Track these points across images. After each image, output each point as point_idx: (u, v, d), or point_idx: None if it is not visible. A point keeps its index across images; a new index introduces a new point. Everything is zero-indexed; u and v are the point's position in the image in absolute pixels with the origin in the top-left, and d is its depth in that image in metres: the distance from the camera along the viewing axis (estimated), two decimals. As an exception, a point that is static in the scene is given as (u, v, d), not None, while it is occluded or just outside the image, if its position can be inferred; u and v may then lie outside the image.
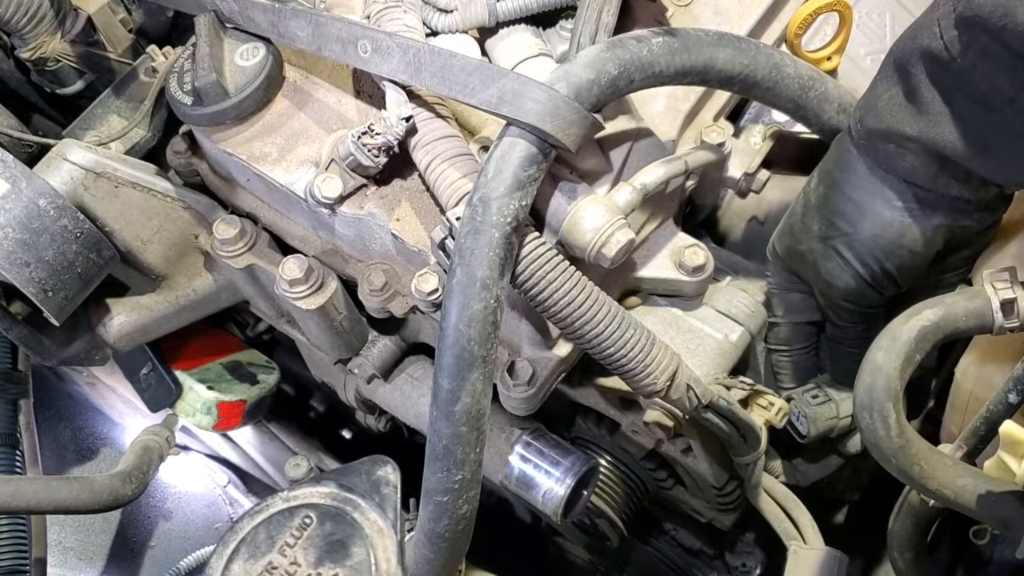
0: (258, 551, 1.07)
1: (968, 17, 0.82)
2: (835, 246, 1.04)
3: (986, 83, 0.84)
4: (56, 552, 1.84)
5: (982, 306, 0.91)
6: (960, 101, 0.88)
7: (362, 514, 1.09)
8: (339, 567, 1.06)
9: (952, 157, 0.91)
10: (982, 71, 0.84)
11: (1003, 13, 0.78)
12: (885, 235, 1.00)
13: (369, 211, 1.09)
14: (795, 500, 1.25)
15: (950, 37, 0.85)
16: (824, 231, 1.04)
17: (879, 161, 0.98)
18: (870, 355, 0.88)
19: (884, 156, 0.97)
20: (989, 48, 0.82)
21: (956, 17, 0.83)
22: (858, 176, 1.00)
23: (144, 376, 1.48)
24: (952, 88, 0.88)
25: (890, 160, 0.97)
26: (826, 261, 1.05)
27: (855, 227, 1.02)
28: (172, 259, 1.28)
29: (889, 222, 1.00)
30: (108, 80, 1.42)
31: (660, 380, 1.00)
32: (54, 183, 1.16)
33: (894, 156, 0.96)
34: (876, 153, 0.98)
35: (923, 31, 0.88)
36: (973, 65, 0.84)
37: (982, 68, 0.84)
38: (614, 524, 1.39)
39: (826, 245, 1.05)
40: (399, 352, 1.35)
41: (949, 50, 0.85)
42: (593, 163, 1.06)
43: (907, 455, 0.87)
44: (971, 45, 0.83)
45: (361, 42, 1.00)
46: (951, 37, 0.84)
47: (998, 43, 0.80)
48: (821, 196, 1.04)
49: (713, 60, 0.97)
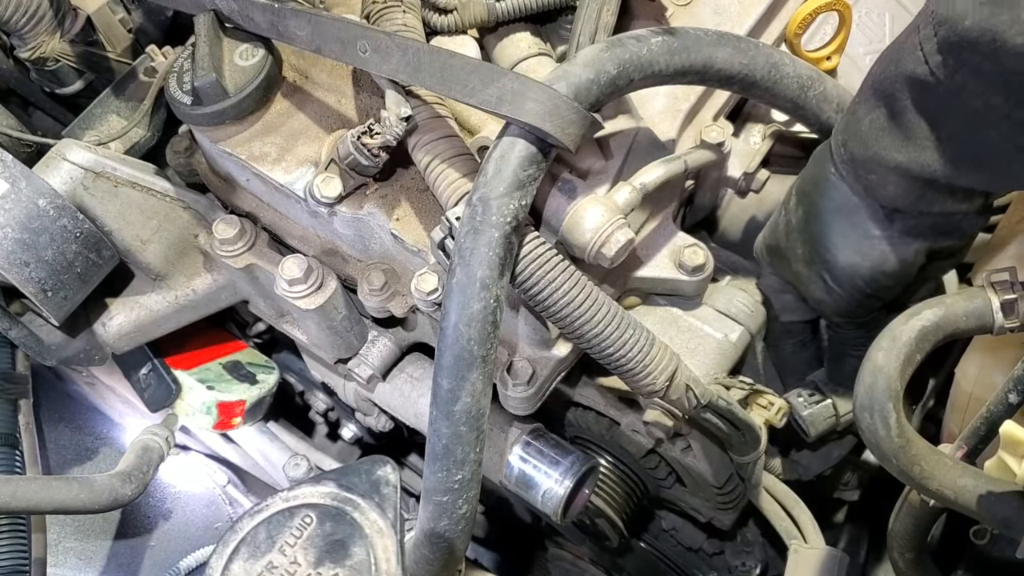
0: (258, 551, 1.07)
1: (954, 42, 0.80)
2: (819, 272, 1.03)
3: (979, 101, 0.81)
4: (56, 552, 1.83)
5: (982, 306, 0.91)
6: (950, 123, 0.86)
7: (362, 514, 1.09)
8: (339, 567, 1.05)
9: (940, 180, 0.89)
10: (975, 89, 0.81)
11: (991, 38, 0.76)
12: (864, 264, 0.99)
13: (369, 211, 1.09)
14: (796, 499, 1.25)
15: (935, 62, 0.82)
16: (808, 256, 1.04)
17: (860, 187, 0.96)
18: (870, 355, 0.88)
19: (866, 184, 0.95)
20: (981, 67, 0.79)
21: (939, 42, 0.81)
22: (837, 204, 0.99)
23: (144, 376, 1.48)
24: (940, 111, 0.86)
25: (872, 189, 0.95)
26: (811, 284, 1.05)
27: (834, 256, 1.01)
28: (171, 259, 1.28)
29: (868, 252, 0.98)
30: (108, 80, 1.42)
31: (659, 380, 1.00)
32: (54, 183, 1.16)
33: (876, 185, 0.94)
34: (858, 180, 0.96)
35: (906, 55, 0.85)
36: (963, 86, 0.81)
37: (973, 87, 0.81)
38: (614, 524, 1.39)
39: (811, 270, 1.04)
40: (399, 352, 1.35)
41: (935, 74, 0.82)
42: (593, 163, 1.06)
43: (907, 455, 0.87)
44: (960, 67, 0.81)
45: (360, 42, 1.00)
46: (936, 62, 0.82)
47: (990, 63, 0.78)
48: (801, 220, 1.03)
49: (712, 59, 0.97)
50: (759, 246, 1.13)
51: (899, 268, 0.99)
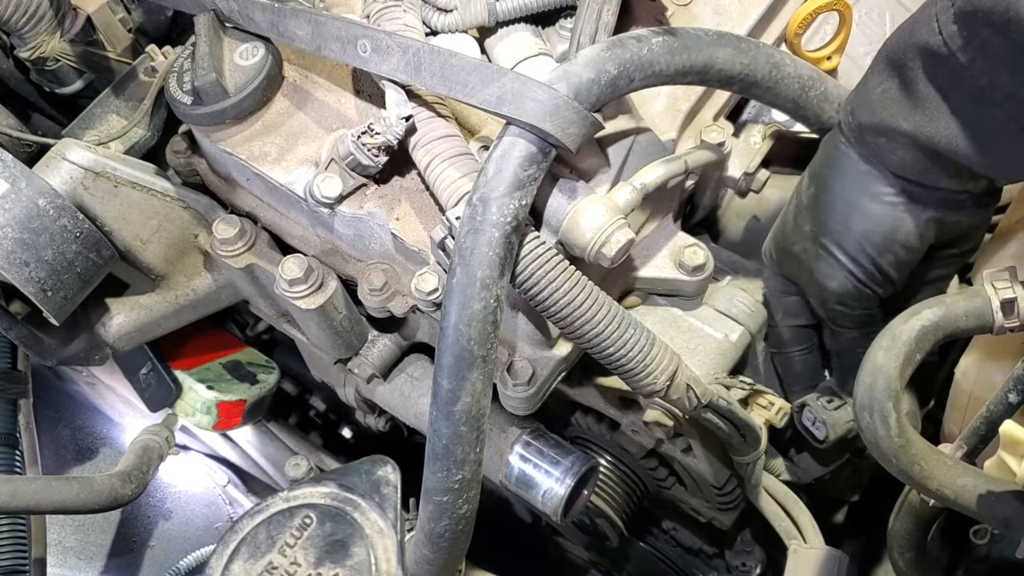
0: (258, 551, 1.07)
1: (968, 12, 0.81)
2: (826, 245, 1.03)
3: (986, 79, 0.83)
4: (56, 552, 1.84)
5: (982, 306, 0.90)
6: (958, 97, 0.87)
7: (362, 514, 1.09)
8: (339, 567, 1.06)
9: (946, 152, 0.91)
10: (982, 66, 0.83)
11: (1006, 7, 0.77)
12: (877, 231, 1.00)
13: (369, 211, 1.09)
14: (795, 499, 1.25)
15: (949, 32, 0.84)
16: (815, 231, 1.04)
17: (869, 154, 0.97)
18: (870, 355, 0.88)
19: (875, 149, 0.96)
20: (990, 43, 0.81)
21: (955, 11, 0.83)
22: (847, 172, 1.00)
23: (144, 376, 1.48)
24: (950, 84, 0.87)
25: (881, 153, 0.96)
26: (818, 261, 1.05)
27: (846, 225, 1.01)
28: (171, 259, 1.28)
29: (880, 217, 0.99)
30: (108, 80, 1.42)
31: (660, 380, 1.00)
32: (54, 183, 1.16)
33: (885, 149, 0.95)
34: (866, 146, 0.97)
35: (921, 26, 0.87)
36: (973, 60, 0.83)
37: (982, 63, 0.83)
38: (614, 524, 1.39)
39: (818, 245, 1.04)
40: (399, 352, 1.35)
41: (948, 45, 0.84)
42: (593, 163, 1.06)
43: (907, 455, 0.87)
44: (971, 40, 0.83)
45: (361, 41, 1.00)
46: (950, 32, 0.84)
47: (1000, 37, 0.80)
48: (812, 196, 1.04)
49: (713, 60, 0.97)
50: (767, 245, 1.14)
51: (912, 238, 0.99)
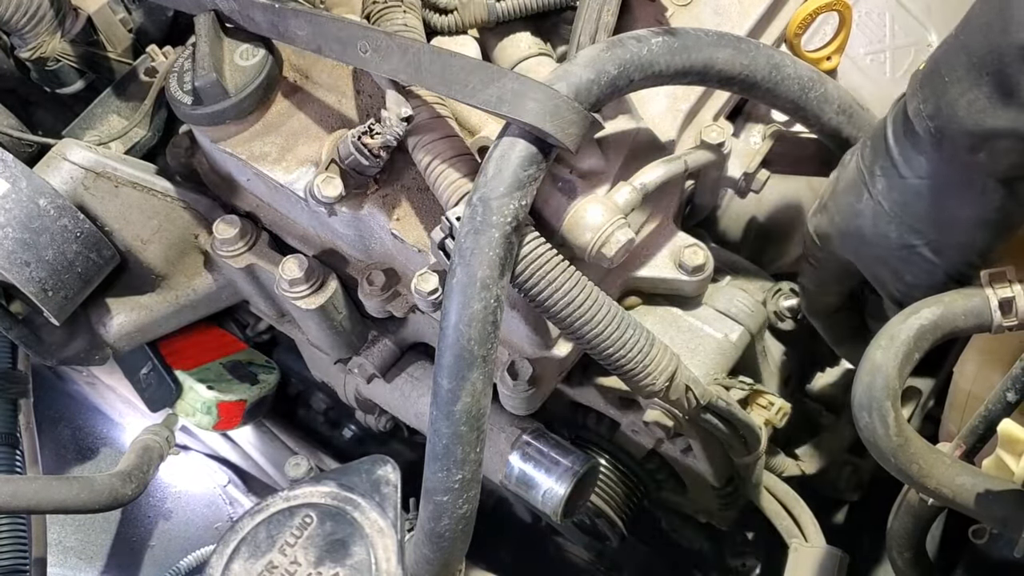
0: (258, 550, 1.07)
1: None
2: (921, 252, 0.97)
3: None
4: (56, 552, 1.84)
5: (980, 305, 0.91)
6: None
7: (362, 514, 1.09)
8: (339, 566, 1.06)
9: None
10: None
11: None
12: (981, 237, 0.94)
13: (369, 211, 1.09)
14: (796, 498, 1.25)
15: None
16: (907, 239, 0.97)
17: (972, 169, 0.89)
18: (868, 354, 0.88)
19: (977, 164, 0.88)
20: None
21: None
22: (947, 185, 0.92)
23: (144, 376, 1.48)
24: None
25: (982, 166, 0.88)
26: (910, 266, 0.98)
27: (945, 235, 0.94)
28: (172, 259, 1.28)
29: (984, 225, 0.93)
30: (108, 80, 1.42)
31: (659, 380, 1.00)
32: (54, 183, 1.16)
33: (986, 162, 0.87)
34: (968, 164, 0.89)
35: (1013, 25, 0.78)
36: None
37: None
38: (614, 524, 1.39)
39: (911, 252, 0.97)
40: (399, 352, 1.35)
41: None
42: (593, 163, 1.06)
43: (906, 454, 0.87)
44: None
45: (361, 42, 1.00)
46: None
47: None
48: (899, 204, 0.95)
49: (713, 60, 0.97)
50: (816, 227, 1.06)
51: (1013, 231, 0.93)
